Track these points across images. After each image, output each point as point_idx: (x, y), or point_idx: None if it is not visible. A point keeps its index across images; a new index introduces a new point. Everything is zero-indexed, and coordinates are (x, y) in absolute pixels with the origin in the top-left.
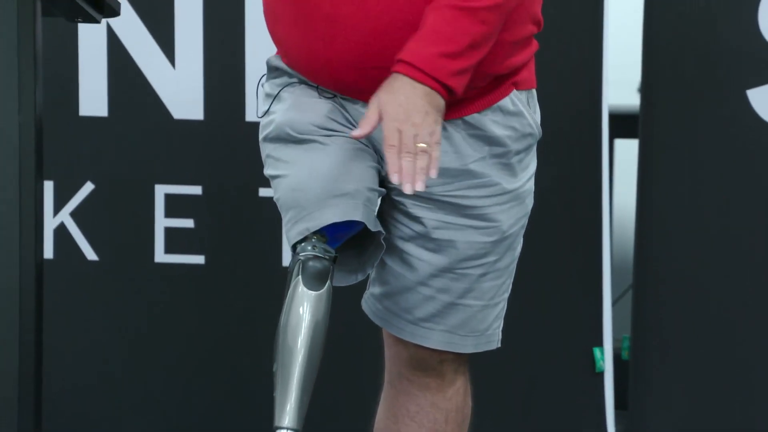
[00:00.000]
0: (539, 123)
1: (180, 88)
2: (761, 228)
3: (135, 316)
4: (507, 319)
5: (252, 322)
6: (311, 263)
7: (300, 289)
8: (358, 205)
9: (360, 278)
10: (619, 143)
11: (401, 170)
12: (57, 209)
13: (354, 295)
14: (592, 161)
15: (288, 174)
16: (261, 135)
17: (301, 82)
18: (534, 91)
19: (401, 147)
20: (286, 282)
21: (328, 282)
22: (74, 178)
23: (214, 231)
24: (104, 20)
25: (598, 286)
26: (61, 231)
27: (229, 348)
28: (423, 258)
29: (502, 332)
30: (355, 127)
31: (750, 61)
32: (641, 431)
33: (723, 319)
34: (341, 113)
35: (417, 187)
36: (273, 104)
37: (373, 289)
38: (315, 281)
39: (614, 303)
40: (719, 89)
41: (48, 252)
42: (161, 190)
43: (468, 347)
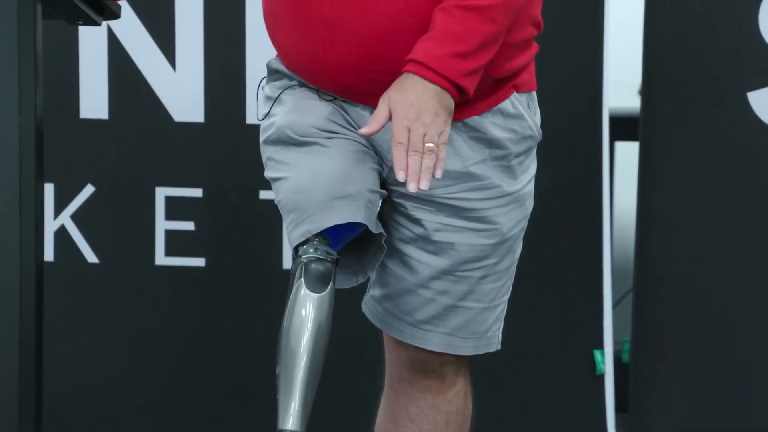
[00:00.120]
0: (539, 125)
1: (180, 91)
2: (762, 230)
3: (135, 319)
4: (507, 322)
5: (252, 324)
6: (313, 265)
7: (303, 292)
8: (360, 207)
9: (361, 280)
10: (620, 145)
11: (407, 168)
12: (57, 212)
13: (354, 298)
14: (593, 163)
15: (289, 176)
16: (261, 137)
17: (302, 85)
18: (534, 94)
19: (409, 145)
20: (289, 284)
21: (331, 284)
22: (75, 181)
23: (215, 233)
24: (105, 23)
25: (599, 289)
26: (62, 233)
27: (230, 350)
28: (423, 260)
29: (503, 334)
30: (356, 130)
31: (750, 64)
32: None
33: (723, 321)
34: (342, 115)
35: (422, 186)
36: (273, 107)
37: (374, 292)
38: (317, 283)
39: (615, 305)
40: (719, 91)
41: (48, 254)
42: (162, 193)
43: (468, 349)
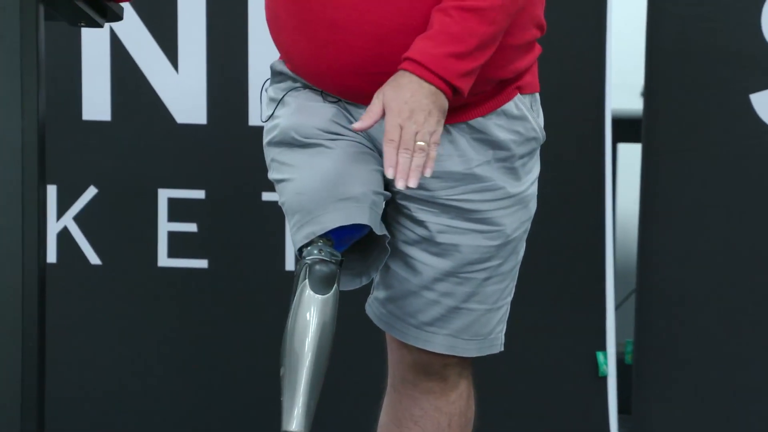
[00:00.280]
0: (543, 127)
1: (183, 93)
2: (764, 231)
3: (138, 320)
4: (510, 323)
5: (255, 326)
6: (318, 267)
7: (307, 293)
8: (364, 209)
9: (365, 282)
10: (623, 147)
11: (397, 165)
12: (60, 213)
13: (358, 300)
14: (595, 165)
15: (293, 178)
16: (265, 139)
17: (305, 87)
18: (537, 95)
19: (400, 143)
20: (293, 286)
21: (335, 285)
22: (77, 182)
23: (217, 235)
24: (107, 24)
25: (601, 290)
26: (64, 235)
27: (233, 351)
28: (427, 262)
29: (506, 336)
30: (361, 132)
31: (753, 66)
32: None
33: (726, 323)
34: (346, 117)
35: (410, 184)
36: (277, 109)
37: (377, 293)
38: (322, 285)
39: (617, 307)
40: (722, 93)
41: (51, 256)
42: (164, 195)
43: (471, 351)
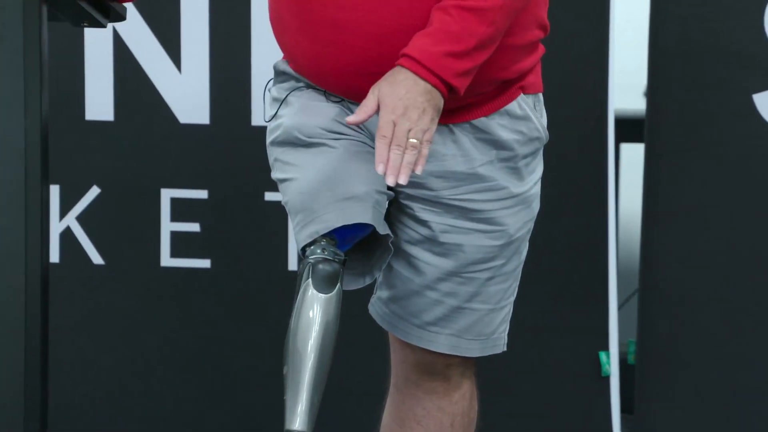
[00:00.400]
0: (546, 127)
1: (186, 93)
2: (767, 232)
3: (141, 320)
4: (513, 323)
5: (258, 325)
6: (321, 266)
7: (310, 292)
8: (367, 208)
9: (368, 281)
10: (625, 147)
11: (387, 162)
12: (63, 213)
13: (361, 299)
14: (598, 165)
15: (296, 177)
16: (268, 139)
17: (308, 87)
18: (541, 95)
19: (392, 139)
20: (296, 285)
21: (338, 285)
22: (80, 182)
23: (220, 235)
24: (110, 25)
25: (604, 290)
26: (67, 235)
27: (236, 351)
28: (430, 262)
29: (508, 336)
30: (363, 131)
31: (756, 66)
32: None
33: (729, 323)
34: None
35: (400, 181)
36: (280, 108)
37: (380, 293)
38: (325, 284)
39: (620, 307)
40: (725, 93)
41: (54, 256)
42: (167, 194)
43: (474, 351)
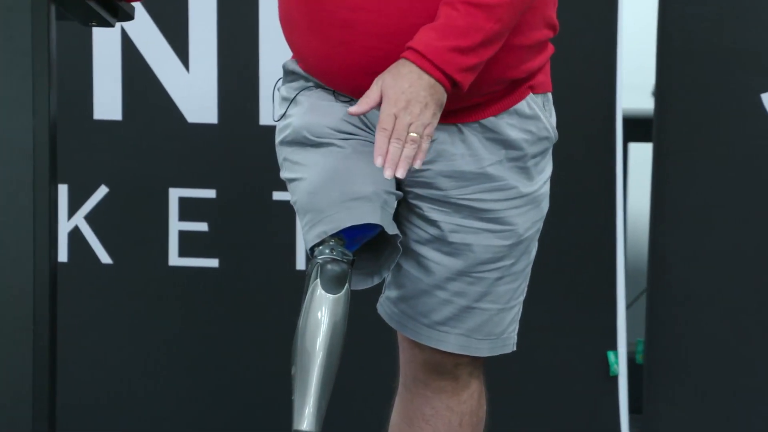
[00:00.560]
0: (555, 126)
1: (194, 92)
2: None
3: (149, 319)
4: (521, 323)
5: (266, 325)
6: (329, 266)
7: (318, 293)
8: (376, 208)
9: (376, 281)
10: (633, 147)
11: (386, 154)
12: (71, 213)
13: (369, 298)
14: (607, 165)
15: (305, 177)
16: (277, 138)
17: (318, 86)
18: (550, 95)
19: (393, 132)
20: (304, 285)
21: (347, 285)
22: (88, 182)
23: (228, 234)
24: (118, 24)
25: (612, 290)
26: (76, 234)
27: (244, 350)
28: (439, 261)
29: (517, 336)
30: (372, 131)
31: (764, 65)
32: None
33: (737, 323)
34: (357, 116)
35: (398, 174)
36: (289, 108)
37: (389, 293)
38: (333, 284)
39: (628, 306)
40: (733, 93)
41: (62, 255)
42: (175, 194)
43: (484, 351)
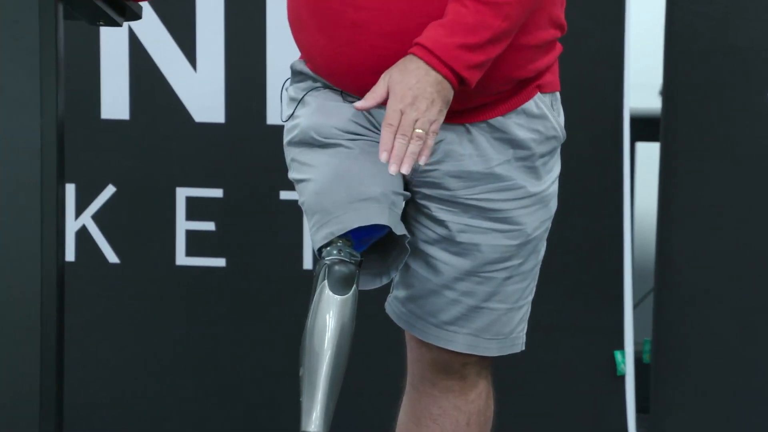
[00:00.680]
0: (563, 126)
1: (201, 92)
2: None
3: (156, 319)
4: (528, 322)
5: (273, 325)
6: (337, 267)
7: (326, 294)
8: (384, 209)
9: (384, 281)
10: (641, 146)
11: (391, 150)
12: (79, 212)
13: (377, 298)
14: (614, 164)
15: (313, 178)
16: (285, 139)
17: (325, 87)
18: (558, 94)
19: (398, 128)
20: (312, 286)
21: (354, 286)
22: (96, 181)
23: (235, 234)
24: (126, 23)
25: (620, 289)
26: (83, 234)
27: (251, 350)
28: (447, 261)
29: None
30: (379, 131)
31: None
32: None
33: (744, 322)
34: (365, 117)
35: (402, 170)
36: (297, 108)
37: (397, 293)
38: (341, 286)
39: (635, 306)
40: (741, 92)
41: (70, 255)
42: (182, 193)
43: (492, 350)
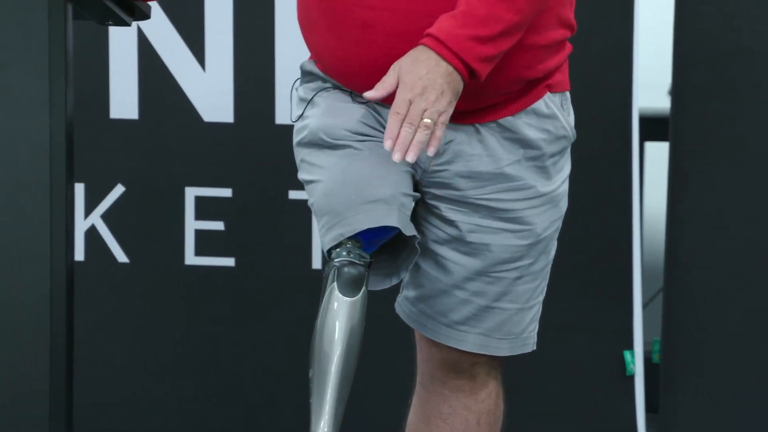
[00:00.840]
0: (573, 125)
1: (210, 91)
2: None
3: (165, 318)
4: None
5: (282, 324)
6: (346, 269)
7: (335, 296)
8: (393, 210)
9: (394, 282)
10: (650, 146)
11: (397, 137)
12: (88, 211)
13: (387, 297)
14: (623, 164)
15: (322, 179)
16: (295, 139)
17: (335, 87)
18: (568, 94)
19: (406, 117)
20: (322, 288)
21: (363, 288)
22: (105, 181)
23: (244, 233)
24: (135, 23)
25: (629, 289)
26: (92, 233)
27: (260, 350)
28: (458, 261)
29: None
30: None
31: None
32: None
33: (754, 323)
34: (375, 118)
35: (408, 158)
36: (307, 109)
37: (407, 293)
38: (350, 287)
39: (645, 306)
40: (750, 92)
41: (79, 254)
42: (191, 193)
43: (503, 350)
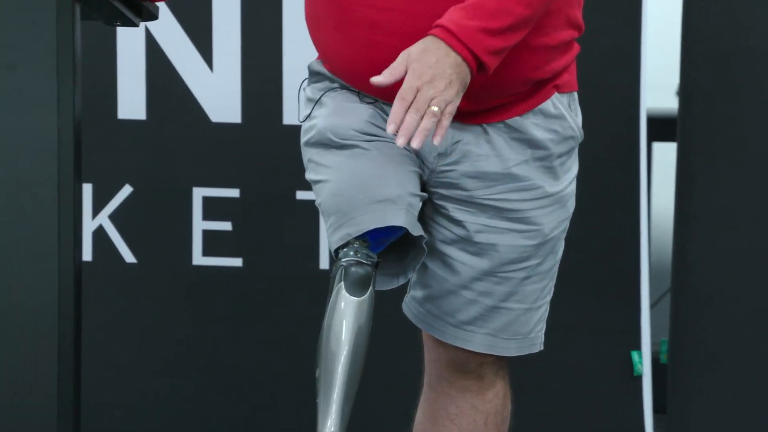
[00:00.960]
0: (581, 126)
1: (218, 92)
2: None
3: (172, 318)
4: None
5: (289, 325)
6: (353, 269)
7: (342, 295)
8: (400, 211)
9: (401, 282)
10: (657, 146)
11: (401, 123)
12: (95, 212)
13: (394, 298)
14: (630, 164)
15: (330, 179)
16: (303, 139)
17: (343, 87)
18: (575, 94)
19: (412, 104)
20: (329, 288)
21: (371, 288)
22: (113, 181)
23: (252, 234)
24: (143, 24)
25: (636, 289)
26: (100, 233)
27: (267, 350)
28: (465, 261)
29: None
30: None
31: None
32: None
33: (762, 322)
34: (382, 118)
35: (413, 144)
36: (314, 109)
37: (415, 293)
38: (357, 287)
39: (652, 306)
40: (758, 92)
41: (86, 254)
42: (199, 193)
43: (511, 350)
